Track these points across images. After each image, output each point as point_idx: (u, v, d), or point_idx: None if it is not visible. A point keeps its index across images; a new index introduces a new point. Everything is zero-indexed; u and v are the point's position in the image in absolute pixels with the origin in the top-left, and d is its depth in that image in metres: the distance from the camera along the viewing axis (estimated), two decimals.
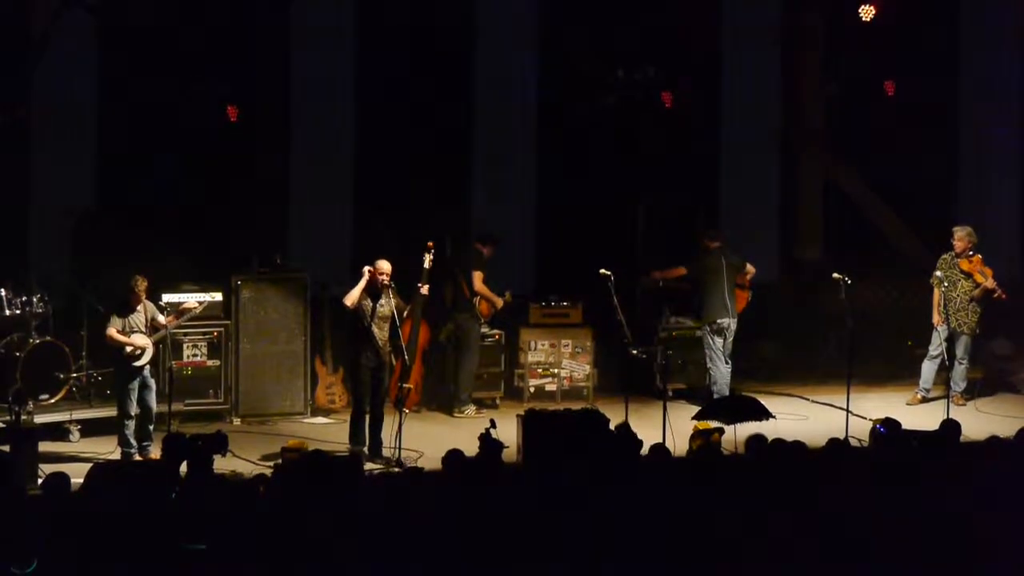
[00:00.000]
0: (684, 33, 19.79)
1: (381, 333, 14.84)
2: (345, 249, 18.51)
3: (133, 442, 14.65)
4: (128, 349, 14.59)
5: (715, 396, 16.72)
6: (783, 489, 10.74)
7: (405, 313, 14.99)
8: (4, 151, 17.34)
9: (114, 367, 14.94)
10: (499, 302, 17.07)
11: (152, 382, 14.82)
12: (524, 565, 10.05)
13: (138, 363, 14.64)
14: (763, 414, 14.16)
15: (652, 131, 19.60)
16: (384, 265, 14.81)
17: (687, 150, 19.90)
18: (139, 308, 14.76)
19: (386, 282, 14.75)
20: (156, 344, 14.89)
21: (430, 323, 16.79)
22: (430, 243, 15.29)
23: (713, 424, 14.15)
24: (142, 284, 14.70)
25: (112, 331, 14.63)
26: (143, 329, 14.72)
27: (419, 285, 15.17)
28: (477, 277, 16.88)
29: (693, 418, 14.39)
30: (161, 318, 14.91)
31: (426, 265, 15.20)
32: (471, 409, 16.82)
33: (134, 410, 14.68)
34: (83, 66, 17.84)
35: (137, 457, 14.51)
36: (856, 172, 20.38)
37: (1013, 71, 20.51)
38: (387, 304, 14.81)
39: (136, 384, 14.68)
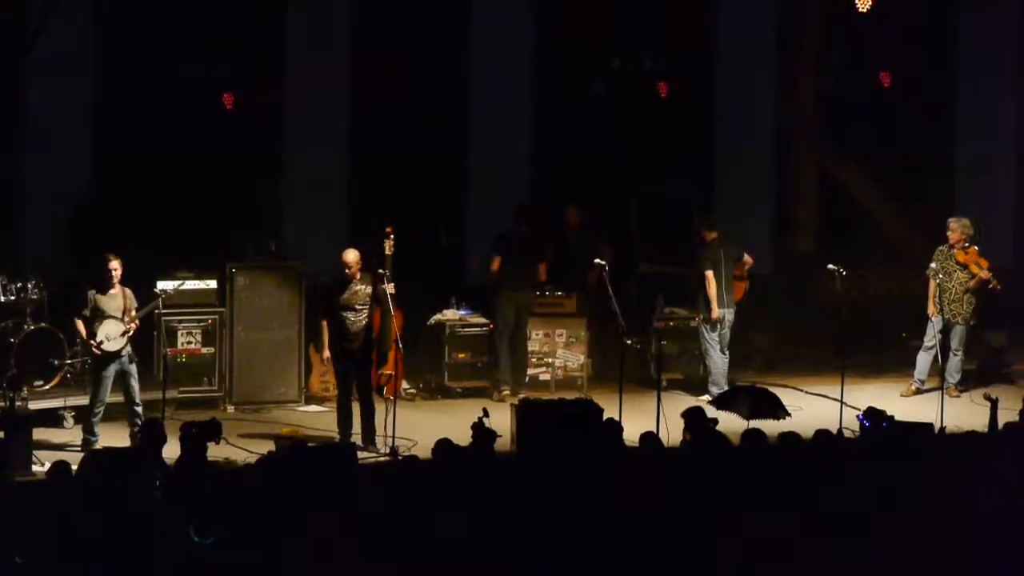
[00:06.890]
0: (680, 22, 19.79)
1: (355, 319, 14.84)
2: (340, 236, 18.48)
3: (97, 431, 14.51)
4: (95, 339, 14.44)
5: (711, 387, 16.76)
6: (775, 479, 10.78)
7: (378, 298, 14.91)
8: None
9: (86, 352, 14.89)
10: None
11: (132, 368, 14.57)
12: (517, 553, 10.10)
13: (106, 348, 14.45)
14: (781, 411, 14.18)
15: (648, 120, 19.59)
16: (349, 257, 14.79)
17: (683, 139, 19.90)
18: (114, 292, 14.56)
19: (349, 273, 14.77)
20: (125, 334, 14.52)
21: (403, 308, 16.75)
22: (389, 228, 15.22)
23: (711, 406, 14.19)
24: (114, 262, 14.48)
25: (79, 322, 14.53)
26: (117, 315, 14.52)
27: (380, 271, 15.08)
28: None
29: (711, 403, 14.38)
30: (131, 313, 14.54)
31: (387, 251, 15.13)
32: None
33: (105, 396, 14.52)
34: (79, 50, 17.81)
35: (98, 446, 14.19)
36: (851, 162, 20.38)
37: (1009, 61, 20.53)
38: (360, 291, 14.82)
39: (111, 371, 14.48)
